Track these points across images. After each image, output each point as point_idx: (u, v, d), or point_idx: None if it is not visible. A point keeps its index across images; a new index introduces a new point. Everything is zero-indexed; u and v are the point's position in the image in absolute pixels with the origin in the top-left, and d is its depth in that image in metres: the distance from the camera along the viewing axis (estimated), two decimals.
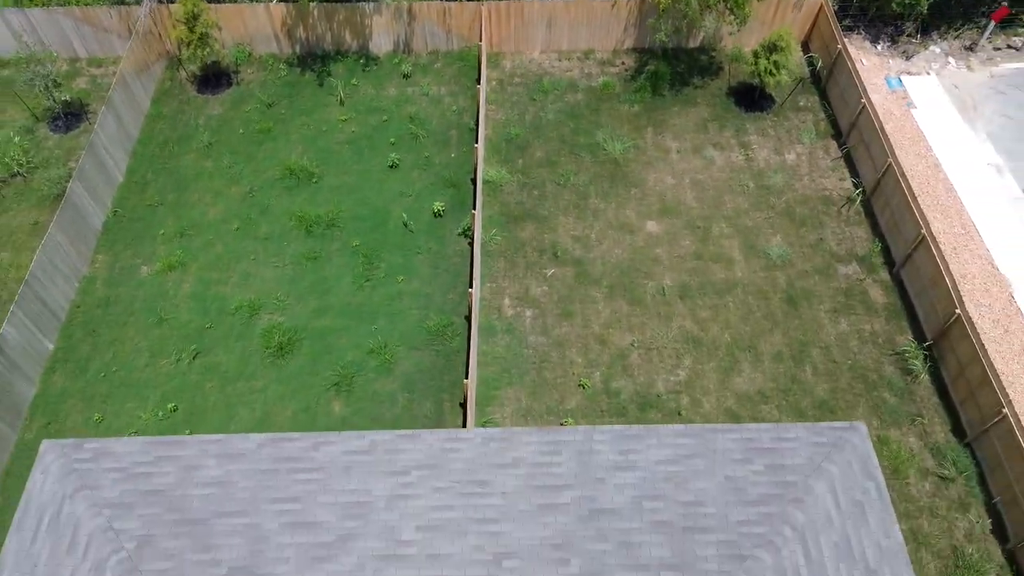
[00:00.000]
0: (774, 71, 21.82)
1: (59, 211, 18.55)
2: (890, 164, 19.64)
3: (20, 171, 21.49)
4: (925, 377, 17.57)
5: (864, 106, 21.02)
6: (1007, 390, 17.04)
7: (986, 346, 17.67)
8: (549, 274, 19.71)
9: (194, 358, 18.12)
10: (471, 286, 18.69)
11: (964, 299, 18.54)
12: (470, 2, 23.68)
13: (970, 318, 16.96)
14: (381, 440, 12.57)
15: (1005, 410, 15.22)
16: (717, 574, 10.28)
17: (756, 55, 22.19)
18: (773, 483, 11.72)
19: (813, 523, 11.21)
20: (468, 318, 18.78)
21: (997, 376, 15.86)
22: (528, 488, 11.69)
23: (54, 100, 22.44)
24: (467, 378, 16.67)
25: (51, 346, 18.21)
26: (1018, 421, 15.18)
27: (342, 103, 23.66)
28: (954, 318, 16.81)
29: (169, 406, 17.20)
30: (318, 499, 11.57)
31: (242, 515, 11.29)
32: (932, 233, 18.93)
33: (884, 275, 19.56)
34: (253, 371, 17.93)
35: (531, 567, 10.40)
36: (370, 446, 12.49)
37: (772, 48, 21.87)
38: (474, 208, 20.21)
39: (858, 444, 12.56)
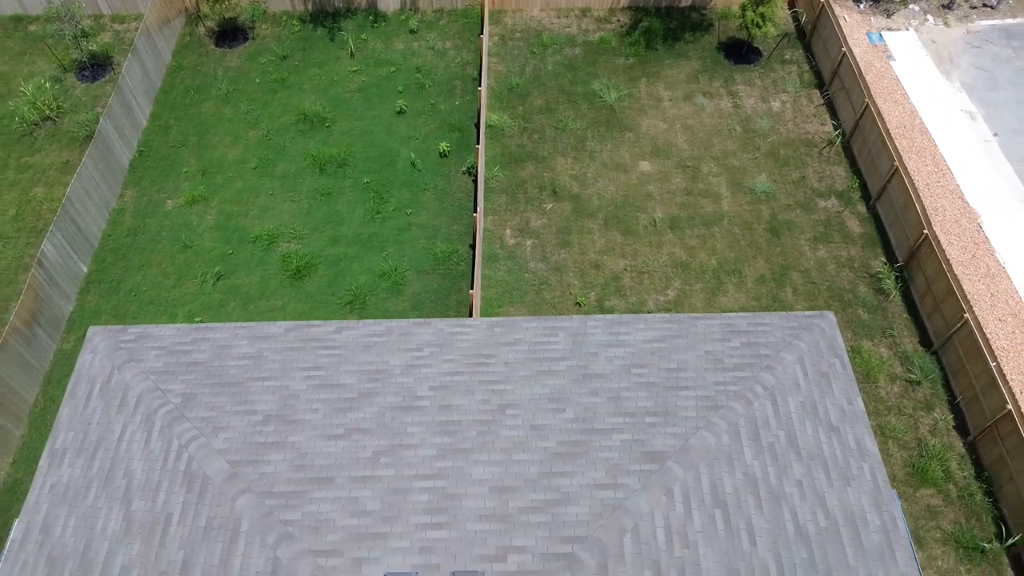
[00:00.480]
0: (760, 23, 23.17)
1: (91, 146, 19.90)
2: (867, 105, 21.00)
3: (51, 115, 22.84)
4: (896, 296, 18.95)
5: (845, 54, 22.39)
6: (972, 305, 18.42)
7: (954, 269, 19.04)
8: (548, 208, 21.07)
9: (217, 280, 19.49)
10: (476, 211, 20.04)
11: (936, 230, 19.90)
12: None
13: (937, 238, 18.33)
14: (396, 326, 13.93)
15: (966, 315, 16.58)
16: (695, 419, 11.64)
17: (743, 7, 23.54)
18: (747, 355, 13.08)
19: (782, 385, 12.57)
20: (472, 246, 20.14)
21: (960, 288, 17.23)
22: (528, 360, 13.05)
23: (82, 50, 23.80)
24: (472, 289, 18.05)
25: (85, 268, 19.58)
26: (978, 325, 16.54)
27: (352, 56, 25.03)
28: (922, 238, 18.17)
29: (196, 318, 18.58)
30: (341, 368, 12.93)
31: (273, 379, 12.65)
32: (905, 167, 20.28)
33: (861, 208, 20.94)
34: (273, 291, 19.30)
35: (531, 414, 11.76)
36: (386, 330, 13.85)
37: (759, 1, 23.24)
38: (478, 143, 21.55)
39: (826, 328, 13.93)
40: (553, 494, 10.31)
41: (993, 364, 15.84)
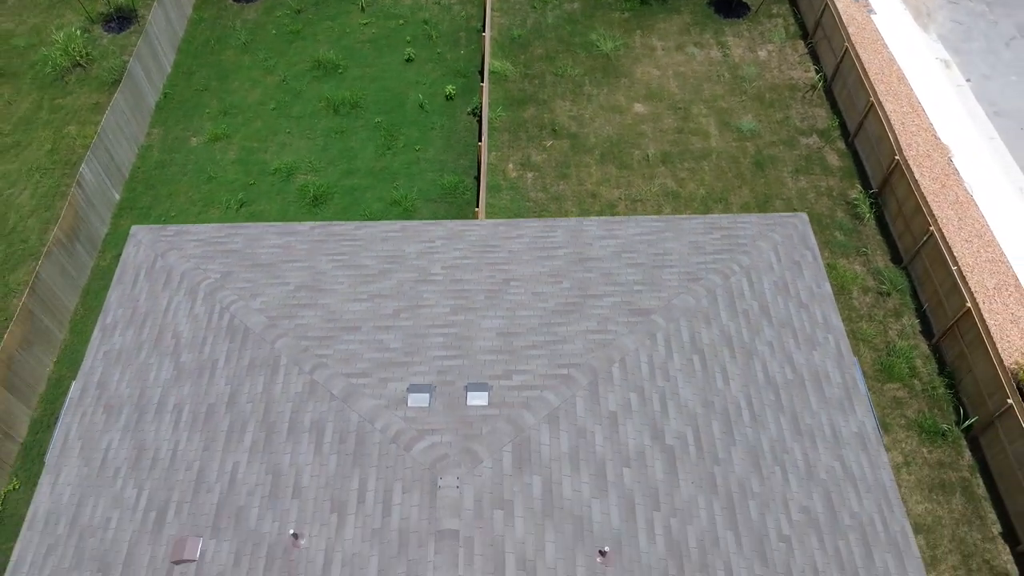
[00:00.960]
0: None
1: (122, 84, 21.36)
2: (847, 49, 22.47)
3: (81, 62, 24.31)
4: (870, 220, 20.43)
5: (827, 5, 23.85)
6: (941, 228, 19.90)
7: (925, 196, 20.51)
8: (548, 145, 22.55)
9: (240, 207, 20.97)
10: (480, 137, 21.49)
11: (908, 161, 21.37)
12: None
13: (908, 163, 19.78)
14: (410, 224, 15.42)
15: (931, 228, 18.06)
16: (677, 287, 13.11)
17: None
18: (727, 244, 14.56)
19: (757, 266, 14.05)
20: (477, 177, 21.61)
21: (927, 205, 18.67)
22: (530, 248, 14.53)
23: (108, 3, 25.27)
24: (478, 207, 19.53)
25: (117, 196, 21.06)
26: (942, 236, 18.00)
27: (363, 10, 26.49)
28: (894, 164, 19.64)
29: None
30: (361, 254, 14.41)
31: (301, 262, 14.13)
32: (881, 103, 21.75)
33: (840, 145, 22.41)
34: (292, 217, 20.78)
35: (532, 285, 13.23)
36: (401, 228, 15.33)
37: None
38: (482, 82, 23.03)
39: (799, 226, 15.41)
40: (551, 337, 11.79)
41: (954, 268, 17.29)
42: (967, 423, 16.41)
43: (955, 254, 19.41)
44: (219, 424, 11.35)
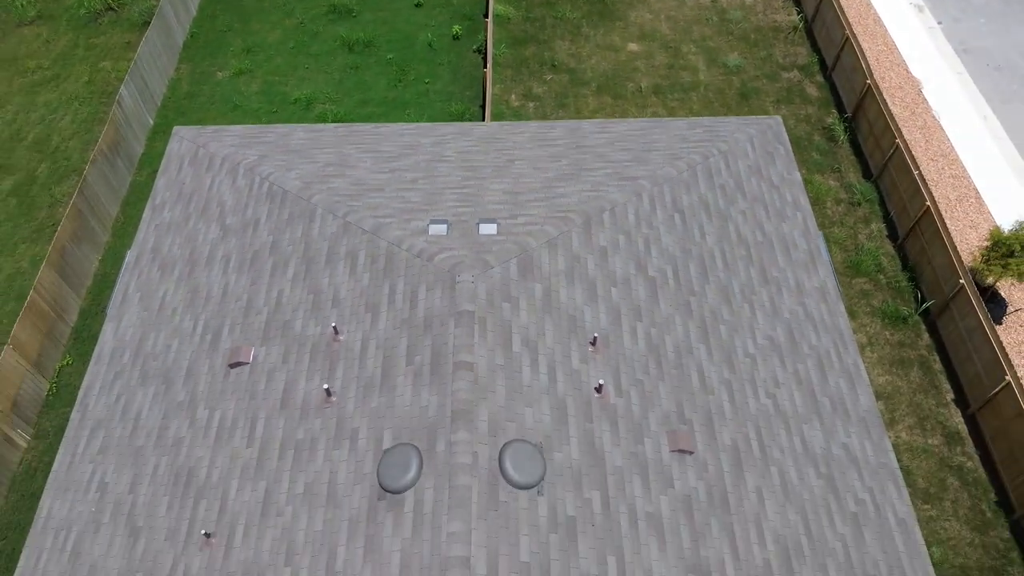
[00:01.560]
0: None
1: (154, 20, 23.14)
2: None
3: (112, 6, 26.08)
4: (844, 141, 22.20)
5: None
6: (910, 149, 21.66)
7: (895, 119, 22.28)
8: (548, 79, 24.33)
9: None
10: (485, 66, 23.24)
11: (881, 91, 23.13)
12: None
13: (879, 87, 21.54)
14: (424, 125, 17.21)
15: (898, 141, 19.84)
16: (662, 162, 14.88)
17: None
18: (708, 136, 16.32)
19: (734, 152, 15.82)
20: (483, 106, 23.38)
21: (895, 123, 20.40)
22: (531, 140, 16.30)
23: None
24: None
25: (151, 121, 22.83)
26: (907, 148, 19.75)
27: None
28: (866, 88, 21.41)
29: None
30: (382, 143, 16.18)
31: (329, 148, 15.90)
32: (856, 38, 23.49)
33: (819, 78, 24.18)
34: None
35: (533, 163, 15.01)
36: (416, 127, 17.11)
37: None
38: (486, 18, 24.82)
39: (773, 125, 17.19)
40: (551, 195, 13.57)
41: (916, 172, 19.05)
42: (924, 305, 18.20)
43: (921, 171, 21.16)
44: (263, 265, 13.14)
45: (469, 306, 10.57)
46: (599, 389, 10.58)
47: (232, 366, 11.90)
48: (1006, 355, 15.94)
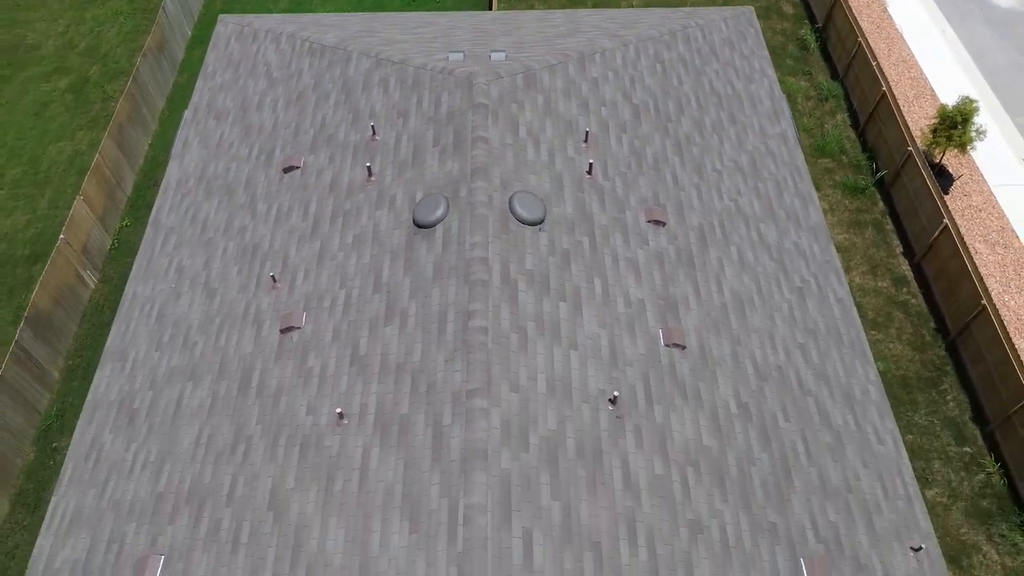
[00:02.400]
0: None
1: None
2: None
3: None
4: (815, 49, 24.63)
5: None
6: (876, 55, 24.08)
7: (861, 27, 24.70)
8: None
9: None
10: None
11: (852, 9, 25.56)
12: None
13: (849, 3, 23.97)
14: (439, 12, 19.63)
15: (860, 40, 22.27)
16: (647, 28, 17.29)
17: None
18: (688, 16, 18.75)
19: (709, 26, 18.23)
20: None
21: (860, 28, 22.81)
22: (534, 20, 18.72)
23: None
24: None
25: (189, 32, 25.27)
26: (869, 48, 22.16)
27: None
28: (835, 1, 23.84)
29: None
30: (403, 21, 18.60)
31: (357, 25, 18.32)
32: None
33: None
34: None
35: (536, 29, 17.43)
36: (431, 13, 19.54)
37: None
38: None
39: (746, 13, 19.61)
40: (550, 46, 16.01)
41: (875, 63, 21.47)
42: (879, 175, 20.65)
43: (884, 72, 23.59)
44: (307, 101, 15.57)
45: (484, 100, 13.01)
46: (590, 170, 13.03)
47: (286, 171, 14.35)
48: (946, 205, 18.37)
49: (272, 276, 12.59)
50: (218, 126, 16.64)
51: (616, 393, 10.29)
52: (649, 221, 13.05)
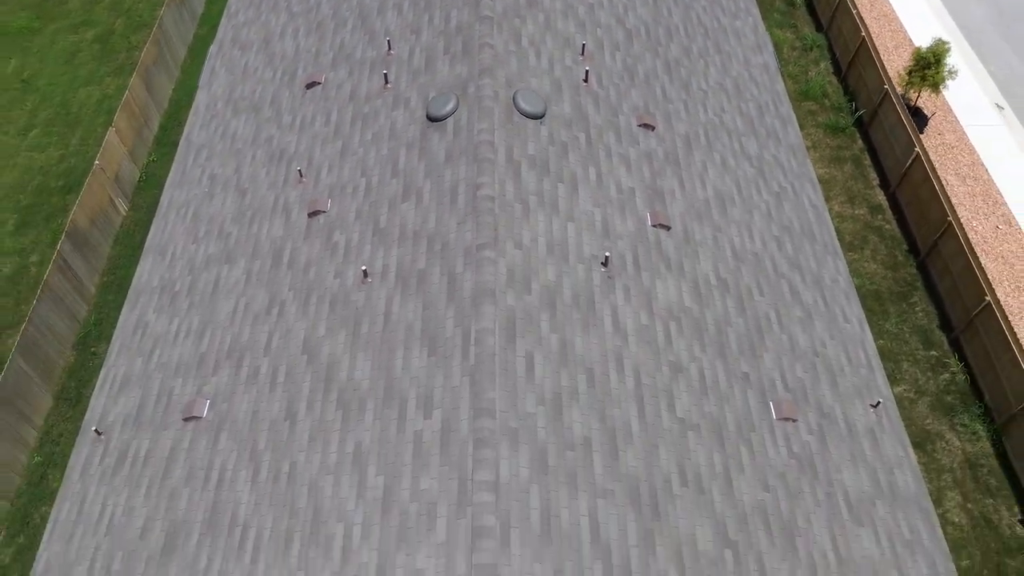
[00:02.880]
0: None
1: None
2: None
3: None
4: (802, 6, 26.02)
5: None
6: (856, 3, 25.47)
7: None
8: None
9: None
10: None
11: None
12: None
13: None
14: None
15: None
16: None
17: None
18: None
19: None
20: None
21: None
22: None
23: None
24: None
25: None
26: (853, 2, 23.58)
27: None
28: None
29: None
30: None
31: None
32: None
33: None
34: None
35: None
36: None
37: None
38: None
39: None
40: None
41: (855, 11, 22.85)
42: (858, 114, 22.05)
43: (865, 23, 24.99)
44: (326, 29, 16.94)
45: (489, 13, 14.38)
46: (586, 78, 14.41)
47: (308, 87, 15.73)
48: (919, 137, 19.75)
49: (299, 171, 13.97)
50: (243, 56, 18.02)
51: (607, 254, 11.68)
52: (640, 125, 14.43)
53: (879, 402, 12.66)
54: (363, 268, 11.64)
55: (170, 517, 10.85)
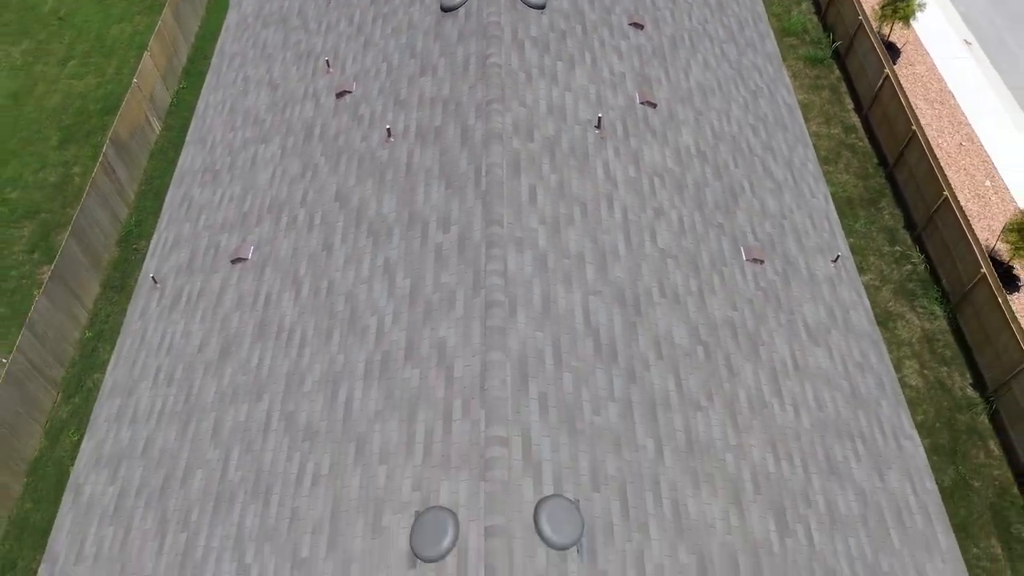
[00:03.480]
0: None
1: None
2: None
3: None
4: None
5: None
6: None
7: None
8: None
9: None
10: None
11: None
12: None
13: None
14: None
15: None
16: None
17: None
18: None
19: None
20: None
21: None
22: None
23: None
24: None
25: None
26: None
27: None
28: None
29: None
30: None
31: None
32: None
33: None
34: None
35: None
36: None
37: None
38: None
39: None
40: None
41: None
42: (834, 46, 23.82)
43: None
44: None
45: None
46: None
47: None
48: (889, 61, 21.50)
49: (326, 60, 15.73)
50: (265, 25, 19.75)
51: (600, 115, 13.45)
52: (630, 24, 16.18)
53: (838, 256, 14.44)
54: (387, 127, 13.41)
55: (223, 334, 12.62)
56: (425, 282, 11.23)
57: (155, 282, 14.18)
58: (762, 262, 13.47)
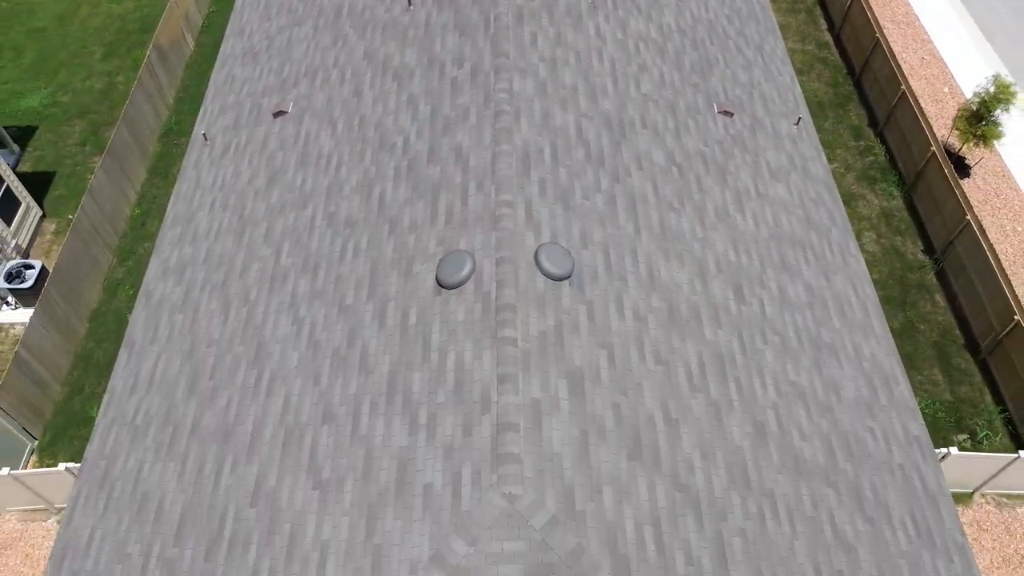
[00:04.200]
0: None
1: None
2: None
3: None
4: None
5: None
6: None
7: None
8: None
9: None
10: None
11: None
12: None
13: None
14: None
15: None
16: None
17: None
18: None
19: None
20: None
21: None
22: None
23: None
24: None
25: None
26: None
27: None
28: None
29: None
30: None
31: None
32: None
33: None
34: None
35: None
36: None
37: None
38: None
39: None
40: None
41: None
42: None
43: None
44: None
45: None
46: None
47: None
48: None
49: None
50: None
51: None
52: None
53: (800, 119, 16.60)
54: None
55: (270, 168, 14.79)
56: (443, 105, 13.40)
57: (205, 139, 16.35)
58: (732, 115, 15.64)
